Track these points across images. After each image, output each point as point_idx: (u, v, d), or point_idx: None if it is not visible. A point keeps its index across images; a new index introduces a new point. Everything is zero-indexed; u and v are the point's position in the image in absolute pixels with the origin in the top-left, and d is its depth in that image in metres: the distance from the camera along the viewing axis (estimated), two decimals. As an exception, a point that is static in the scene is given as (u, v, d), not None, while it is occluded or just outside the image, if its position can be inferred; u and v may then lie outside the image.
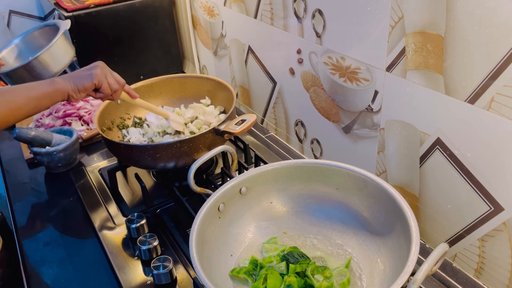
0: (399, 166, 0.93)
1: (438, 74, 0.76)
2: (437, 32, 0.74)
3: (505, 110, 0.68)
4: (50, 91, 0.89)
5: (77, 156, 1.29)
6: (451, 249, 0.87)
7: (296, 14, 1.07)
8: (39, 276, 0.92)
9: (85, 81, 0.93)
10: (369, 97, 0.94)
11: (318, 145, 1.19)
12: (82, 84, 0.92)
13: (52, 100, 0.91)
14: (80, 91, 0.92)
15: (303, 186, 0.88)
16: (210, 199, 0.81)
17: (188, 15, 1.68)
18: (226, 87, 1.18)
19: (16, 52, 1.47)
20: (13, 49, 1.47)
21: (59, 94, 0.91)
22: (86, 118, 1.41)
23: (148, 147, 0.99)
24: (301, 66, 1.13)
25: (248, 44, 1.34)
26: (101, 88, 0.95)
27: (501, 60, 0.66)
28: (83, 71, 0.95)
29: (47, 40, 1.44)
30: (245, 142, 1.21)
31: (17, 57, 1.46)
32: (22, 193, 1.19)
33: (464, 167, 0.78)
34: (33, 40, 1.48)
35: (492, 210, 0.76)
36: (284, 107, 1.28)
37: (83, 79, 0.93)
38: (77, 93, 0.92)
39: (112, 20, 1.57)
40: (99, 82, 0.94)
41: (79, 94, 0.93)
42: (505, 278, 0.78)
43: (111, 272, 0.91)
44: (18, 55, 1.47)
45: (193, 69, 1.83)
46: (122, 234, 1.00)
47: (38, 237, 1.03)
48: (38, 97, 0.89)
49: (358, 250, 0.82)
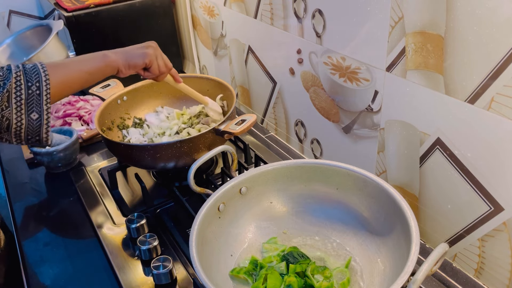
0: (399, 166, 0.93)
1: (438, 74, 0.76)
2: (437, 32, 0.74)
3: (505, 110, 0.68)
4: (102, 66, 0.91)
5: (77, 156, 1.29)
6: (451, 249, 0.87)
7: (296, 14, 1.07)
8: (39, 276, 0.92)
9: (137, 59, 0.95)
10: (369, 97, 0.94)
11: (318, 145, 1.19)
12: (134, 61, 0.95)
13: (104, 74, 0.92)
14: (131, 67, 0.95)
15: (303, 186, 0.88)
16: (210, 199, 0.81)
17: (188, 15, 1.68)
18: (226, 87, 1.18)
19: (8, 52, 1.46)
20: (5, 49, 1.46)
21: (110, 68, 0.92)
22: (86, 118, 1.41)
23: (148, 147, 0.99)
24: (301, 66, 1.13)
25: (248, 44, 1.34)
26: (150, 68, 0.98)
27: (501, 60, 0.66)
28: (137, 49, 0.97)
29: (39, 40, 1.43)
30: (245, 142, 1.21)
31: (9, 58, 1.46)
32: (22, 193, 1.19)
33: (464, 167, 0.78)
34: (25, 40, 1.47)
35: (492, 210, 0.76)
36: (284, 107, 1.28)
37: (135, 57, 0.95)
38: (127, 69, 0.94)
39: (112, 20, 1.57)
40: (150, 62, 0.96)
41: (129, 70, 0.95)
42: (505, 278, 0.78)
43: (111, 272, 0.91)
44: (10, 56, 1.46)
45: (193, 69, 1.83)
46: (122, 234, 1.00)
47: (38, 237, 1.03)
48: (91, 71, 0.90)
49: (358, 250, 0.82)
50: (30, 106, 0.80)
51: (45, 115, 0.81)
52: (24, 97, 0.79)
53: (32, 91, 0.80)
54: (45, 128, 0.82)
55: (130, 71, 0.95)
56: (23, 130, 0.81)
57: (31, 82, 0.80)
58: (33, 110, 0.80)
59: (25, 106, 0.79)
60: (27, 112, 0.80)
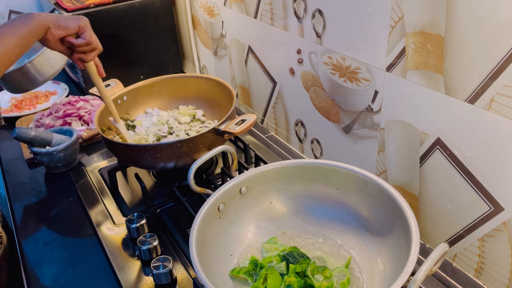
0: (399, 166, 0.93)
1: (438, 74, 0.76)
2: (437, 32, 0.74)
3: (505, 110, 0.68)
4: (33, 26, 0.86)
5: (77, 156, 1.29)
6: (451, 249, 0.87)
7: (296, 14, 1.07)
8: (39, 276, 0.92)
9: (70, 21, 0.90)
10: (369, 97, 0.94)
11: (318, 145, 1.19)
12: (66, 22, 0.90)
13: (36, 35, 0.88)
14: (61, 27, 0.90)
15: (303, 186, 0.88)
16: (210, 199, 0.81)
17: (188, 15, 1.68)
18: (226, 87, 1.18)
19: None
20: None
21: (41, 28, 0.88)
22: (86, 118, 1.41)
23: (148, 147, 0.99)
24: (301, 66, 1.13)
25: (248, 44, 1.34)
26: (84, 33, 0.93)
27: (501, 60, 0.66)
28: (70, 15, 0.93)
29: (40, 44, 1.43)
30: (245, 142, 1.21)
31: None
32: (22, 193, 1.19)
33: (464, 167, 0.78)
34: None
35: (492, 210, 0.76)
36: (284, 107, 1.28)
37: (68, 19, 0.91)
38: (57, 29, 0.89)
39: (112, 20, 1.57)
40: (83, 26, 0.92)
41: (59, 30, 0.90)
42: (505, 278, 0.78)
43: (111, 272, 0.91)
44: None
45: (193, 69, 1.83)
46: (122, 234, 1.00)
47: (38, 237, 1.03)
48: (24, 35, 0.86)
49: (358, 250, 0.82)
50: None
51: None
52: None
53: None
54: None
55: (60, 31, 0.90)
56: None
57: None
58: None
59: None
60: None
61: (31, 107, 1.60)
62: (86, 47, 0.95)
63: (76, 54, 0.97)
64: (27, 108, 1.59)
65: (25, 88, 1.26)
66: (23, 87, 1.25)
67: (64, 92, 1.69)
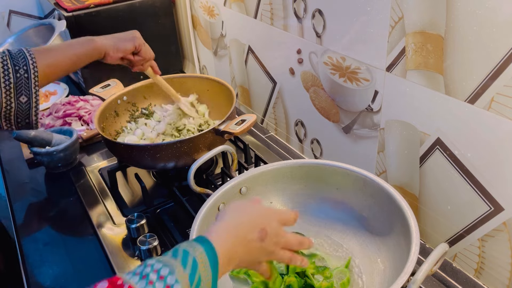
0: (399, 166, 0.93)
1: (438, 74, 0.76)
2: (437, 32, 0.74)
3: (505, 110, 0.68)
4: (89, 49, 0.93)
5: (77, 156, 1.29)
6: (451, 249, 0.87)
7: (296, 14, 1.07)
8: (39, 276, 0.92)
9: (127, 42, 0.98)
10: (369, 97, 0.94)
11: (318, 145, 1.19)
12: (124, 45, 0.98)
13: (91, 57, 0.94)
14: (120, 51, 0.97)
15: (303, 186, 0.88)
16: (210, 199, 0.81)
17: (188, 15, 1.68)
18: (226, 87, 1.18)
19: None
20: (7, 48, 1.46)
21: (97, 52, 0.95)
22: (86, 118, 1.41)
23: (148, 147, 0.99)
24: (301, 66, 1.13)
25: (248, 44, 1.34)
26: (140, 52, 1.01)
27: (501, 60, 0.66)
28: (124, 35, 1.00)
29: (41, 39, 1.43)
30: (245, 142, 1.21)
31: None
32: (22, 193, 1.19)
33: (464, 167, 0.78)
34: (27, 39, 1.48)
35: (492, 210, 0.76)
36: (284, 107, 1.28)
37: (124, 40, 0.98)
38: (115, 52, 0.97)
39: (112, 20, 1.57)
40: (139, 45, 1.00)
41: (117, 53, 0.97)
42: (505, 278, 0.78)
43: (111, 272, 0.91)
44: None
45: (193, 69, 1.83)
46: (122, 234, 1.00)
47: (38, 237, 1.03)
48: (77, 54, 0.92)
49: (358, 250, 0.82)
50: (19, 89, 0.81)
51: (34, 98, 0.83)
52: (12, 80, 0.81)
53: (20, 74, 0.81)
54: (34, 110, 0.84)
55: (118, 54, 0.97)
56: (13, 113, 0.83)
57: (19, 66, 0.81)
58: (22, 93, 0.81)
59: (14, 90, 0.81)
60: (16, 95, 0.81)
61: (31, 107, 1.60)
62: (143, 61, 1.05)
63: (135, 67, 1.06)
64: (27, 108, 1.59)
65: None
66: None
67: (64, 92, 1.69)
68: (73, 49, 0.92)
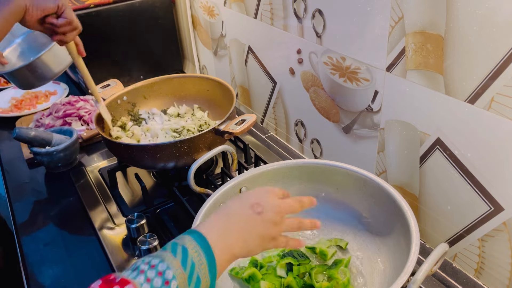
0: (399, 166, 0.93)
1: (438, 74, 0.76)
2: (437, 32, 0.74)
3: (505, 110, 0.68)
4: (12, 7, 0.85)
5: (77, 156, 1.29)
6: (451, 249, 0.87)
7: (296, 14, 1.07)
8: (39, 276, 0.92)
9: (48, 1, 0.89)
10: (369, 97, 0.94)
11: (318, 145, 1.19)
12: (44, 1, 0.88)
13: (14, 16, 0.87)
14: (39, 8, 0.88)
15: (303, 186, 0.88)
16: (210, 199, 0.81)
17: (188, 15, 1.68)
18: (226, 87, 1.18)
19: (19, 51, 1.47)
20: (15, 48, 1.47)
21: (18, 8, 0.87)
22: (86, 118, 1.41)
23: (148, 147, 0.99)
24: (301, 66, 1.13)
25: (248, 44, 1.34)
26: (63, 12, 0.91)
27: (501, 60, 0.66)
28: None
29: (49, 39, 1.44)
30: (245, 142, 1.21)
31: (20, 56, 1.47)
32: (22, 193, 1.19)
33: (464, 167, 0.78)
34: (35, 39, 1.48)
35: (492, 210, 0.76)
36: (284, 107, 1.28)
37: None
38: (35, 9, 0.88)
39: (112, 20, 1.57)
40: (62, 5, 0.90)
41: (37, 11, 0.88)
42: (505, 278, 0.78)
43: (111, 272, 0.91)
44: (20, 54, 1.47)
45: (193, 69, 1.83)
46: (122, 234, 1.00)
47: (38, 237, 1.03)
48: (5, 16, 0.85)
49: (358, 250, 0.82)
50: None
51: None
52: None
53: None
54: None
55: (38, 12, 0.88)
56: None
57: None
58: None
59: None
60: None
61: (31, 107, 1.60)
62: (67, 27, 0.93)
63: (56, 36, 0.95)
64: (27, 108, 1.59)
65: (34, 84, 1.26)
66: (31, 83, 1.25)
67: (64, 92, 1.69)
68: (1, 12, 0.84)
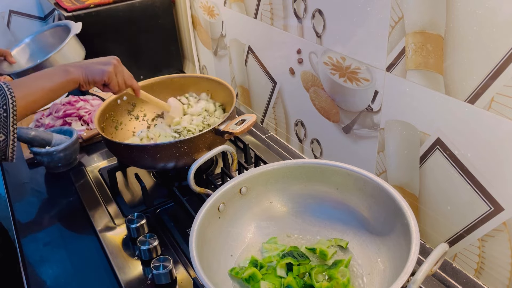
0: (399, 166, 0.93)
1: (438, 74, 0.76)
2: (437, 32, 0.74)
3: (505, 110, 0.68)
4: (64, 82, 0.93)
5: (77, 156, 1.29)
6: (451, 249, 0.87)
7: (296, 14, 1.07)
8: (39, 276, 0.92)
9: (97, 76, 0.98)
10: (369, 97, 0.94)
11: (318, 145, 1.19)
12: (93, 77, 0.97)
13: (66, 89, 0.95)
14: (90, 83, 0.98)
15: (303, 186, 0.88)
16: (210, 199, 0.81)
17: (188, 15, 1.68)
18: (226, 87, 1.18)
19: (28, 51, 1.48)
20: (24, 48, 1.48)
21: (72, 84, 0.95)
22: (86, 118, 1.41)
23: (148, 147, 0.99)
24: (301, 66, 1.13)
25: (248, 44, 1.34)
26: (109, 85, 1.00)
27: (501, 60, 0.66)
28: (98, 65, 0.99)
29: (58, 40, 1.44)
30: (245, 142, 1.21)
31: (29, 57, 1.47)
32: (22, 193, 1.19)
33: (464, 167, 0.78)
34: (44, 40, 1.49)
35: (492, 210, 0.76)
36: (284, 107, 1.28)
37: (95, 73, 0.97)
38: (87, 84, 0.97)
39: (112, 20, 1.57)
40: (108, 79, 0.99)
41: (89, 85, 0.98)
42: (505, 278, 0.78)
43: (111, 272, 0.91)
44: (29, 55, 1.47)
45: (193, 69, 1.83)
46: (122, 234, 1.00)
47: (38, 237, 1.03)
48: (53, 88, 0.92)
49: (358, 250, 0.82)
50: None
51: (11, 136, 0.84)
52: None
53: (0, 113, 0.82)
54: (11, 148, 0.85)
55: (90, 86, 0.98)
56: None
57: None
58: (0, 131, 0.82)
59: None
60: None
61: (31, 107, 1.60)
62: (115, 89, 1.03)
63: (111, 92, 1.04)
64: (27, 108, 1.59)
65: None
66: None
67: (64, 92, 1.69)
68: (49, 83, 0.91)
